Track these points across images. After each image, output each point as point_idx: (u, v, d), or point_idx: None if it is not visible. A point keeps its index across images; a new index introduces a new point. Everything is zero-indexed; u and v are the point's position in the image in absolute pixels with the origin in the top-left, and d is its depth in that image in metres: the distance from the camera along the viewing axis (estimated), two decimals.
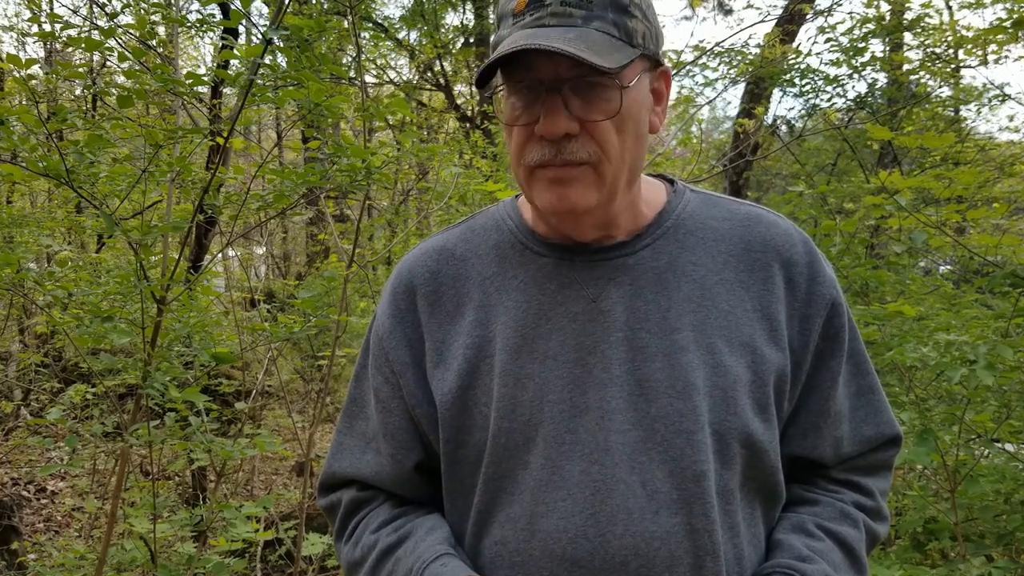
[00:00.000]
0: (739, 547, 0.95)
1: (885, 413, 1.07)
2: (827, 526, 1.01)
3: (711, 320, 0.96)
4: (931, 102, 6.77)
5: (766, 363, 0.96)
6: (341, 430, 1.12)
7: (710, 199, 1.07)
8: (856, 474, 1.07)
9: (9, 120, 2.43)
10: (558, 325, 0.97)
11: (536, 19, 0.90)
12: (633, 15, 0.91)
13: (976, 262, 3.31)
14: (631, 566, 0.90)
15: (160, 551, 3.11)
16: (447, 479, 1.02)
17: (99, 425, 3.32)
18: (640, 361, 0.95)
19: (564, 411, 0.94)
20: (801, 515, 1.03)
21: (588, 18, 0.89)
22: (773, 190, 10.68)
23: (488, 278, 1.03)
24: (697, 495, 0.91)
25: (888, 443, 1.08)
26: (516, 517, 0.95)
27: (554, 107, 0.89)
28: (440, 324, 1.03)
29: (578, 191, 0.92)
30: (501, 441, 0.96)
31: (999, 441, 2.70)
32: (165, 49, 4.11)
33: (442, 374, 1.00)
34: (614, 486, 0.92)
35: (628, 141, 0.93)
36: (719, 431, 0.93)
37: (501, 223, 1.07)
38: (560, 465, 0.93)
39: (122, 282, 2.84)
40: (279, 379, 5.41)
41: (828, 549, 0.99)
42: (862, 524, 1.04)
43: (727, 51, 6.99)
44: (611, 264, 0.99)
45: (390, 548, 1.01)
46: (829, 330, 1.01)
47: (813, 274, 1.00)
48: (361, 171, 2.78)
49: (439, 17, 7.63)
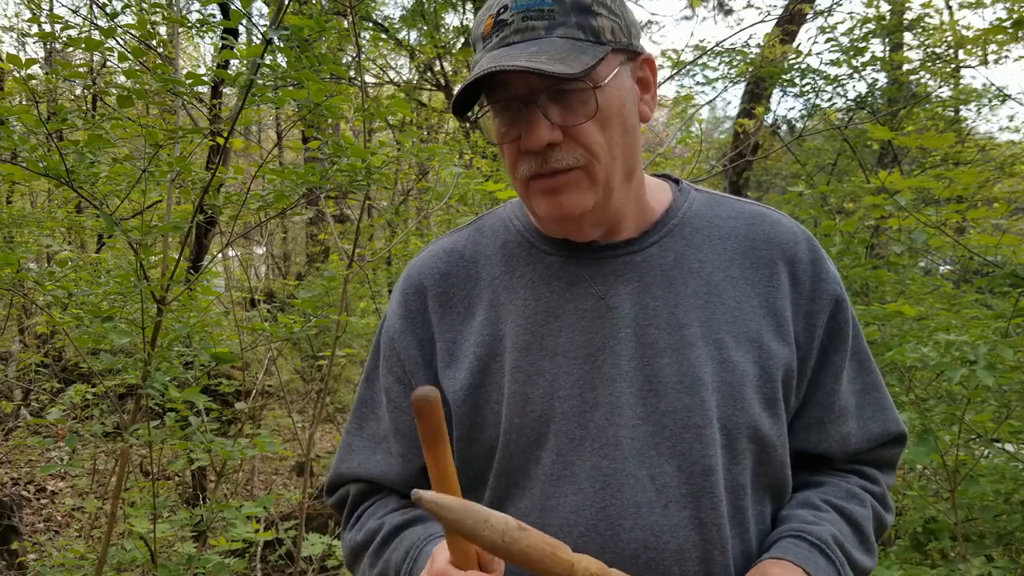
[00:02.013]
0: (748, 543, 0.97)
1: (890, 411, 1.08)
2: (834, 502, 1.02)
3: (718, 316, 0.98)
4: (931, 102, 6.77)
5: (773, 358, 0.97)
6: (351, 431, 1.13)
7: (715, 198, 1.09)
8: (861, 464, 1.09)
9: (9, 120, 2.43)
10: (567, 322, 0.99)
11: (502, 39, 0.92)
12: (598, 13, 0.92)
13: (976, 262, 3.31)
14: (641, 559, 0.91)
15: (160, 551, 3.11)
16: (459, 476, 1.02)
17: (99, 425, 3.32)
18: (649, 357, 0.96)
19: (574, 407, 0.96)
20: (806, 493, 1.04)
21: (551, 27, 0.91)
22: (773, 190, 10.68)
23: (497, 278, 1.05)
24: (706, 489, 0.93)
25: (893, 441, 1.09)
26: (527, 511, 0.96)
27: (533, 120, 0.91)
28: (451, 324, 1.04)
29: (572, 197, 0.94)
30: (513, 437, 0.97)
31: (999, 441, 2.70)
32: (165, 49, 4.10)
33: (454, 373, 1.02)
34: (624, 480, 0.93)
35: (616, 136, 0.94)
36: (727, 426, 0.94)
37: (508, 223, 1.09)
38: (571, 460, 0.95)
39: (122, 282, 2.84)
40: (279, 379, 5.41)
41: (835, 520, 0.99)
42: (869, 504, 1.04)
43: (727, 51, 6.99)
44: (619, 261, 1.01)
45: (398, 528, 1.02)
46: (833, 326, 1.02)
47: (817, 271, 1.02)
48: (361, 171, 2.78)
49: (439, 17, 7.64)
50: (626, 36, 0.95)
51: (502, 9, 0.92)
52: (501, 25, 0.92)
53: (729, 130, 10.17)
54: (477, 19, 0.98)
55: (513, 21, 0.91)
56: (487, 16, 0.94)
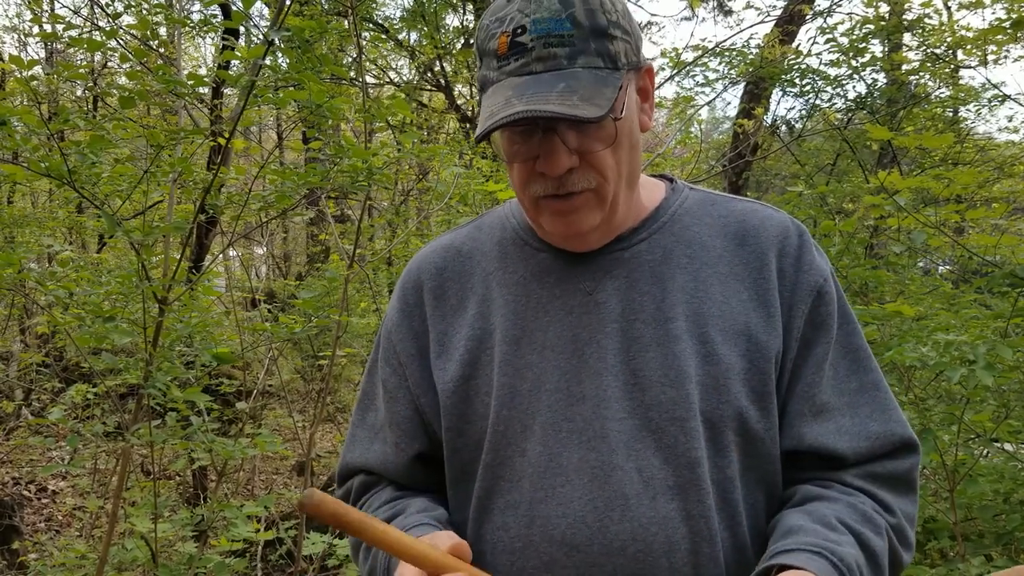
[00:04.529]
0: (739, 535, 0.96)
1: (894, 412, 1.03)
2: (849, 524, 0.94)
3: (705, 310, 0.98)
4: (930, 102, 6.78)
5: (763, 351, 0.97)
6: (354, 422, 1.16)
7: (709, 197, 1.09)
8: (873, 484, 1.00)
9: (11, 121, 2.43)
10: (556, 317, 1.01)
11: (522, 65, 0.91)
12: (614, 36, 0.92)
13: (975, 262, 3.32)
14: (629, 551, 0.92)
15: (161, 551, 3.11)
16: (449, 467, 1.06)
17: (100, 425, 3.33)
18: (635, 351, 0.97)
19: (561, 400, 0.97)
20: (820, 509, 0.95)
21: (573, 56, 0.90)
22: (773, 190, 10.69)
23: (491, 273, 1.07)
24: (692, 482, 0.93)
25: (903, 448, 1.02)
26: (516, 503, 0.97)
27: (552, 147, 0.91)
28: (443, 316, 1.07)
29: (582, 217, 0.96)
30: (500, 429, 0.99)
31: (998, 441, 2.71)
32: (167, 50, 4.11)
33: (444, 364, 1.04)
34: (611, 472, 0.94)
35: (624, 156, 0.96)
36: (711, 419, 0.95)
37: (505, 221, 1.11)
38: (558, 452, 0.96)
39: (123, 282, 2.85)
40: (280, 379, 5.42)
41: (850, 545, 0.91)
42: (886, 533, 0.95)
43: (727, 51, 6.99)
44: (608, 258, 1.02)
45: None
46: (815, 318, 1.01)
47: (800, 263, 1.01)
48: (362, 172, 2.79)
49: (439, 18, 7.64)
50: (635, 54, 0.96)
51: (519, 30, 0.91)
52: (520, 49, 0.91)
53: (728, 130, 10.16)
54: (486, 30, 0.95)
55: (534, 47, 0.90)
56: (500, 32, 0.92)
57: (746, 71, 7.10)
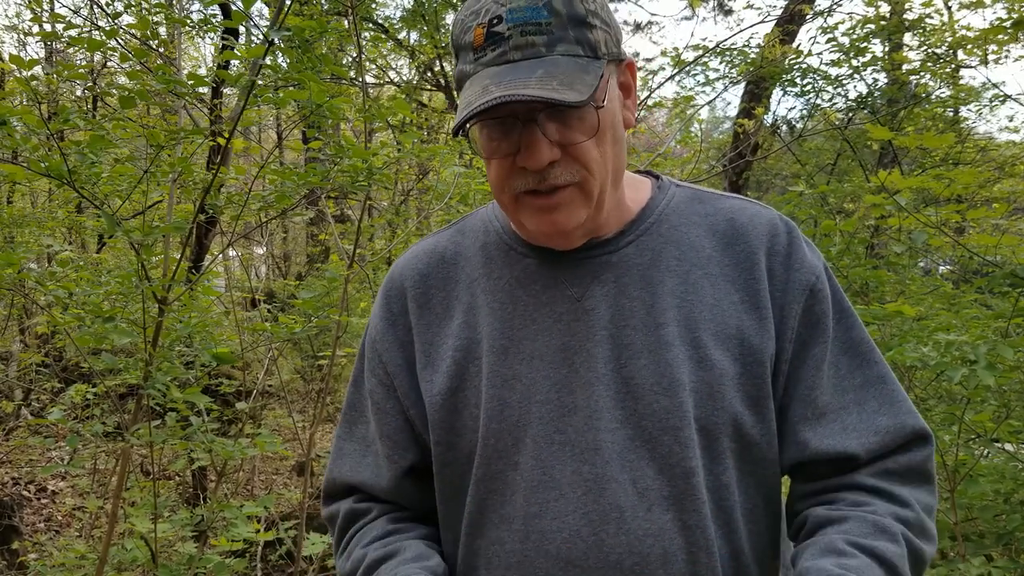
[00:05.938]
0: (736, 543, 0.95)
1: (903, 403, 0.99)
2: (860, 542, 0.89)
3: (696, 314, 0.95)
4: (931, 102, 6.78)
5: (756, 354, 0.95)
6: (341, 435, 1.13)
7: (697, 194, 1.06)
8: (888, 481, 0.97)
9: (11, 120, 2.43)
10: (543, 326, 0.98)
11: (499, 55, 0.88)
12: (593, 25, 0.90)
13: (976, 262, 3.32)
14: (626, 564, 0.90)
15: (161, 551, 3.11)
16: (439, 481, 1.03)
17: (100, 425, 3.32)
18: (625, 359, 0.94)
19: (552, 411, 0.95)
20: (828, 536, 0.91)
21: (551, 43, 0.88)
22: (773, 190, 10.69)
23: (475, 280, 1.04)
24: (687, 491, 0.91)
25: (916, 440, 0.99)
26: (510, 518, 0.95)
27: (533, 139, 0.88)
28: (428, 326, 1.04)
29: (566, 214, 0.93)
30: (491, 443, 0.96)
31: (998, 441, 2.70)
32: (167, 50, 4.11)
33: (431, 376, 1.01)
34: (605, 485, 0.92)
35: (608, 150, 0.92)
36: (705, 427, 0.93)
37: (488, 224, 1.08)
38: (551, 465, 0.94)
39: (123, 282, 2.85)
40: (279, 379, 5.42)
41: (864, 566, 0.86)
42: (902, 538, 0.91)
43: (728, 50, 6.99)
44: (595, 262, 0.99)
45: (375, 563, 1.01)
46: (810, 317, 0.98)
47: (790, 262, 0.99)
48: (362, 172, 2.78)
49: (439, 18, 7.63)
50: (615, 46, 0.94)
51: (495, 20, 0.88)
52: (497, 39, 0.88)
53: (729, 130, 10.16)
54: (461, 25, 0.93)
55: (511, 36, 0.87)
56: (476, 24, 0.90)
57: (747, 71, 7.10)
